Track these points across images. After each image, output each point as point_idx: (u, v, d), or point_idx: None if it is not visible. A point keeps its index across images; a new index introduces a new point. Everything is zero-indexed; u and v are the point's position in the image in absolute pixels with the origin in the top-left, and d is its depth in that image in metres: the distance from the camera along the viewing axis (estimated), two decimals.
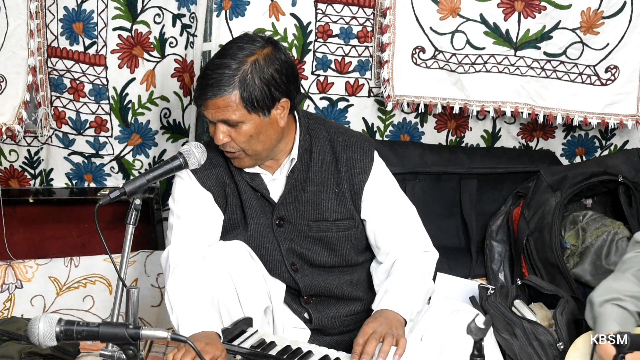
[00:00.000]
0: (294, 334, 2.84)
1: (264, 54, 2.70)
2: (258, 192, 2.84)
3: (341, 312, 2.91)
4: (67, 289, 3.56)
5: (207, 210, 2.84)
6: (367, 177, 2.87)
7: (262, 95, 2.67)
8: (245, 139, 2.71)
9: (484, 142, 3.77)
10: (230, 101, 2.66)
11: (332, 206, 2.86)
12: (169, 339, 1.99)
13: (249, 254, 2.80)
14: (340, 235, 2.87)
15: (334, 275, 2.91)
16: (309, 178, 2.85)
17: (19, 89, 3.35)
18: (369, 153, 2.89)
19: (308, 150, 2.86)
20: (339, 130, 2.92)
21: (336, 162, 2.86)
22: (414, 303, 2.71)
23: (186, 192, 2.85)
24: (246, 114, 2.68)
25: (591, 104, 3.54)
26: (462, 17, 3.43)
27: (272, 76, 2.68)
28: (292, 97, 2.76)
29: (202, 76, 2.72)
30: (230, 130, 2.71)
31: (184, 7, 3.38)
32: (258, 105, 2.68)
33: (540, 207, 3.50)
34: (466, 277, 3.52)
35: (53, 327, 1.96)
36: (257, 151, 2.76)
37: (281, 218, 2.85)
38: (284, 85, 2.72)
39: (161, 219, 3.65)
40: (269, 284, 2.80)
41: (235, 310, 2.72)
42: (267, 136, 2.74)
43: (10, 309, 3.51)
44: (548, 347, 2.94)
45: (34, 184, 3.65)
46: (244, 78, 2.66)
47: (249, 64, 2.67)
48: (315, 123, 2.90)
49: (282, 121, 2.76)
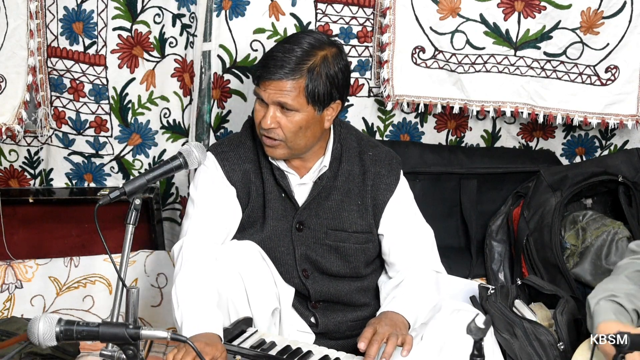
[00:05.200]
0: (299, 337, 2.82)
1: (333, 52, 2.72)
2: (284, 193, 2.83)
3: (348, 318, 2.91)
4: (67, 289, 3.56)
5: (228, 205, 2.82)
6: (392, 194, 2.87)
7: (324, 91, 2.69)
8: (294, 129, 2.71)
9: (484, 142, 3.77)
10: (294, 87, 2.66)
11: (353, 218, 2.86)
12: (169, 339, 1.99)
13: (260, 255, 2.78)
14: (357, 247, 2.87)
15: (344, 283, 2.90)
16: (335, 187, 2.85)
17: (19, 89, 3.35)
18: (396, 170, 2.90)
19: (337, 159, 2.86)
20: (369, 144, 2.93)
21: (363, 175, 2.86)
22: (419, 312, 2.70)
23: (210, 182, 2.82)
24: (304, 103, 2.69)
25: (591, 104, 3.54)
26: (462, 17, 3.43)
27: (336, 75, 2.71)
28: (343, 101, 2.80)
29: (270, 56, 2.71)
30: (281, 117, 2.70)
31: (184, 7, 3.38)
32: (317, 99, 2.69)
33: (540, 207, 3.50)
34: (466, 277, 3.52)
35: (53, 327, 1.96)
36: (298, 145, 2.75)
37: (301, 223, 2.84)
38: (342, 87, 2.75)
39: (161, 219, 3.65)
40: (278, 286, 2.79)
41: (244, 310, 2.71)
42: (312, 133, 2.75)
43: (10, 309, 3.51)
44: (548, 347, 2.94)
45: (34, 184, 3.65)
46: (313, 69, 2.67)
47: (319, 57, 2.69)
48: (347, 133, 2.91)
49: (328, 123, 2.77)
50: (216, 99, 3.56)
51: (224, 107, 3.58)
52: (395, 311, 2.65)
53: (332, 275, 2.89)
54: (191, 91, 3.53)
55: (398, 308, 2.66)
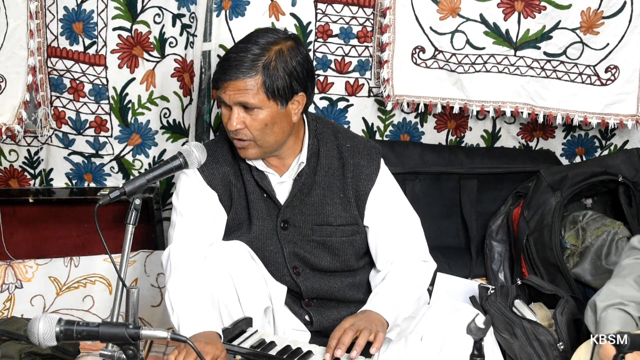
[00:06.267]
0: (295, 336, 2.83)
1: (288, 46, 2.72)
2: (265, 193, 2.84)
3: (342, 314, 2.91)
4: (67, 289, 3.56)
5: (211, 210, 2.84)
6: (373, 184, 2.88)
7: (284, 84, 2.69)
8: (260, 127, 2.71)
9: (484, 142, 3.77)
10: (251, 84, 2.67)
11: (337, 211, 2.86)
12: (169, 339, 1.99)
13: (249, 254, 2.79)
14: (344, 240, 2.87)
15: (335, 279, 2.91)
16: (316, 182, 2.85)
17: (19, 89, 3.35)
18: (376, 160, 2.90)
19: (315, 155, 2.86)
20: (346, 136, 2.93)
21: (343, 167, 2.86)
22: (400, 308, 2.71)
23: (191, 189, 2.84)
24: (265, 99, 2.69)
25: (591, 104, 3.54)
26: (462, 17, 3.43)
27: (294, 68, 2.71)
28: (308, 93, 2.79)
29: (225, 58, 2.73)
30: (246, 117, 2.71)
31: (184, 7, 3.38)
32: (278, 94, 2.69)
33: (540, 207, 3.50)
34: (466, 277, 3.52)
35: (53, 327, 1.96)
36: (269, 142, 2.76)
37: (286, 221, 2.85)
38: (303, 79, 2.74)
39: (161, 218, 3.65)
40: (269, 285, 2.80)
41: (236, 311, 2.71)
42: (280, 128, 2.75)
43: (10, 309, 3.51)
44: (548, 347, 2.94)
45: (34, 184, 3.65)
46: (268, 65, 2.67)
47: (274, 52, 2.69)
48: (323, 127, 2.91)
49: (295, 116, 2.77)
50: (216, 99, 3.56)
51: None
52: (373, 310, 2.66)
53: (323, 270, 2.89)
54: (191, 91, 3.53)
55: (376, 306, 2.67)
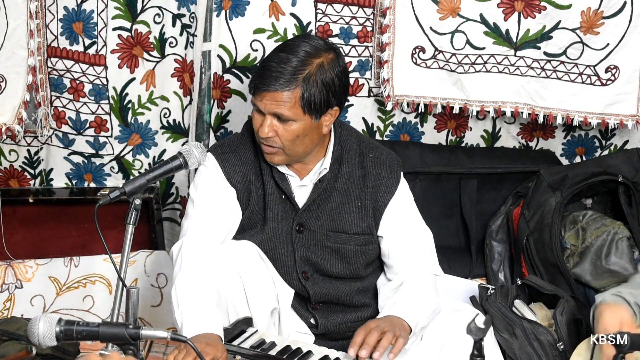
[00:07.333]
0: (299, 338, 2.82)
1: (330, 59, 2.69)
2: (284, 195, 2.83)
3: (348, 318, 2.91)
4: (67, 289, 3.55)
5: (228, 206, 2.82)
6: (392, 196, 2.87)
7: (320, 99, 2.67)
8: (291, 138, 2.70)
9: (484, 142, 3.77)
10: (289, 97, 2.65)
11: (353, 219, 2.85)
12: (169, 339, 1.99)
13: (259, 255, 2.79)
14: (357, 249, 2.86)
15: (344, 284, 2.90)
16: (335, 189, 2.84)
17: (19, 89, 3.35)
18: (397, 172, 2.90)
19: (338, 161, 2.85)
20: (370, 145, 2.92)
21: (364, 176, 2.86)
22: (419, 316, 2.70)
23: (210, 183, 2.82)
24: (300, 113, 2.67)
25: (591, 104, 3.54)
26: (462, 17, 3.43)
27: (332, 81, 2.68)
28: (341, 106, 2.78)
29: (264, 67, 2.69)
30: (278, 126, 2.69)
31: (184, 7, 3.38)
32: (314, 108, 2.67)
33: (540, 207, 3.50)
34: (466, 277, 3.52)
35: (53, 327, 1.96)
36: (297, 152, 2.75)
37: (302, 224, 2.84)
38: (340, 93, 2.73)
39: (161, 218, 3.65)
40: (277, 286, 2.79)
41: (243, 310, 2.71)
42: (310, 140, 2.74)
43: (10, 309, 3.51)
44: (548, 347, 2.94)
45: (34, 184, 3.65)
46: (308, 78, 2.65)
47: (315, 65, 2.66)
48: (347, 134, 2.90)
49: (326, 128, 2.76)
50: (216, 99, 3.56)
51: (224, 107, 3.58)
52: (397, 315, 2.65)
53: (332, 276, 2.88)
54: (191, 91, 3.53)
55: (400, 312, 2.66)
